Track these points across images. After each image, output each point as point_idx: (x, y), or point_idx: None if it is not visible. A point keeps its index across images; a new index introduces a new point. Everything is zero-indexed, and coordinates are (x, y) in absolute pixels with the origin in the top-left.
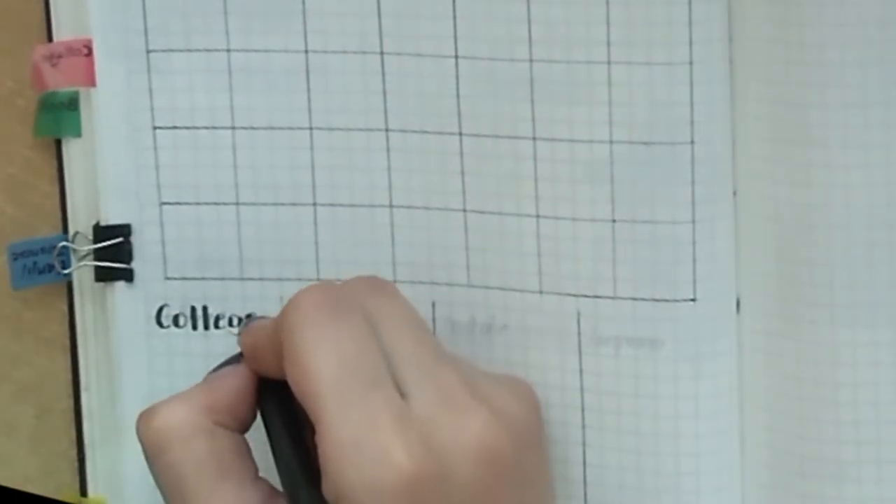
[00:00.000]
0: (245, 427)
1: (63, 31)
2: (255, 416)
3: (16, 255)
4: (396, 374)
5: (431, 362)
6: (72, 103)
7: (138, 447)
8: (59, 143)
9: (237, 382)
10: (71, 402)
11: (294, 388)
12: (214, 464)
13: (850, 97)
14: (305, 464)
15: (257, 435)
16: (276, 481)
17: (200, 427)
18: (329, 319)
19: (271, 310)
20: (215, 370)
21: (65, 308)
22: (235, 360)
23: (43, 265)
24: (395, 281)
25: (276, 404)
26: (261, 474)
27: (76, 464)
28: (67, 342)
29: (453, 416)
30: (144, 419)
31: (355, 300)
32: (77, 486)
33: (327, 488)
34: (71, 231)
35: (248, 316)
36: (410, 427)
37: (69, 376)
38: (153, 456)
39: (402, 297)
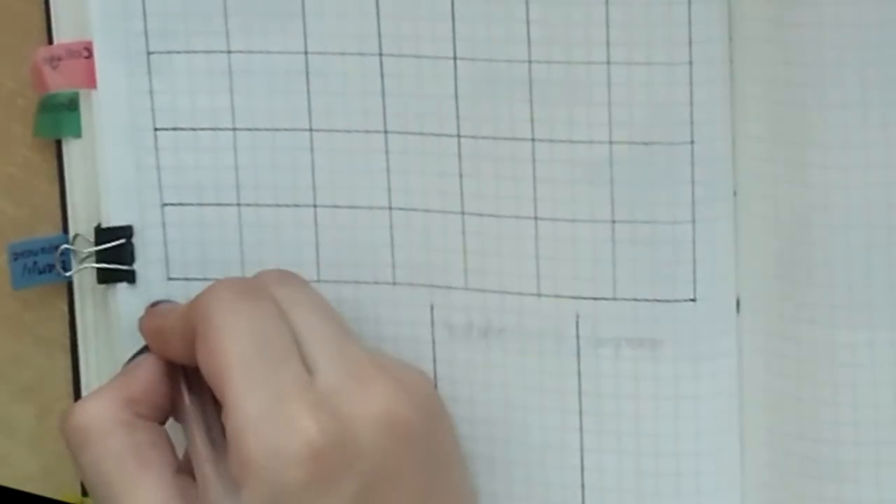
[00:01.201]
0: (164, 415)
1: (63, 33)
2: (171, 403)
3: (16, 255)
4: (305, 352)
5: (338, 340)
6: (72, 104)
7: None
8: (59, 144)
9: (151, 370)
10: (71, 402)
11: (203, 369)
12: (134, 457)
13: (849, 97)
14: (214, 446)
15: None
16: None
17: (118, 421)
18: (240, 302)
19: None
20: (130, 360)
21: (65, 308)
22: (147, 348)
23: (43, 265)
24: (394, 283)
25: (189, 392)
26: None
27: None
28: (68, 342)
29: (359, 387)
30: (65, 418)
31: (266, 288)
32: (77, 486)
33: (233, 462)
34: (71, 232)
35: (154, 304)
36: (317, 398)
37: (69, 376)
38: (75, 454)
39: (309, 286)
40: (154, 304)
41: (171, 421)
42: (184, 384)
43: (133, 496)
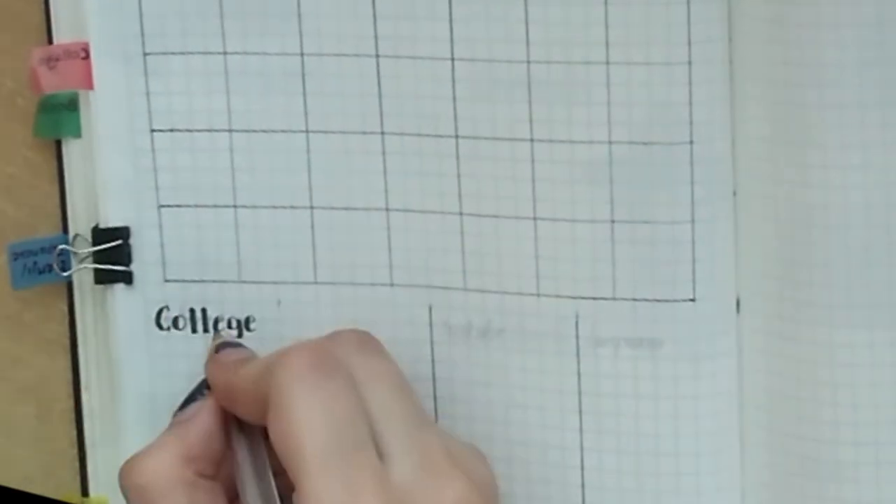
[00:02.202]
0: (218, 469)
1: (63, 33)
2: (225, 456)
3: (16, 255)
4: (379, 435)
5: (413, 425)
6: (71, 104)
7: (138, 447)
8: (59, 144)
9: (208, 424)
10: (71, 402)
11: (276, 442)
12: None
13: (848, 97)
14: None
15: None
16: None
17: (179, 480)
18: (318, 379)
19: (269, 313)
20: (182, 408)
21: (65, 308)
22: (200, 390)
23: (43, 265)
24: (391, 284)
25: (248, 447)
26: None
27: (76, 464)
28: (67, 342)
29: (433, 483)
30: (125, 474)
31: (343, 359)
32: (77, 485)
33: None
34: (71, 232)
35: (216, 326)
36: (391, 495)
37: (69, 376)
38: None
39: (387, 355)
40: (219, 345)
41: None
42: (239, 438)
43: None
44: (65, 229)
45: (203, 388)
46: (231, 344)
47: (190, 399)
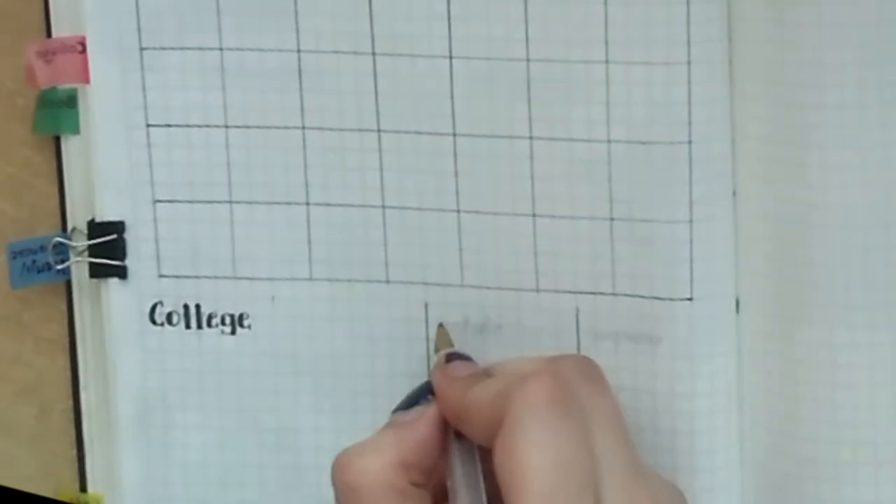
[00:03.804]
0: (431, 478)
1: (61, 30)
2: (438, 466)
3: (14, 254)
4: (599, 482)
5: (630, 477)
6: (70, 100)
7: (132, 445)
8: (58, 144)
9: (427, 433)
10: (70, 402)
11: (500, 472)
12: None
13: (847, 98)
14: None
15: None
16: None
17: (392, 486)
18: (554, 416)
19: (262, 309)
20: (403, 407)
21: (64, 308)
22: (423, 394)
23: (42, 264)
24: (387, 281)
25: (462, 460)
26: None
27: (76, 463)
28: (67, 342)
29: None
30: (339, 468)
31: (577, 397)
32: (77, 485)
33: None
34: (69, 227)
35: (449, 355)
36: None
37: (69, 376)
38: None
39: (609, 387)
40: (449, 356)
41: None
42: (456, 452)
43: None
44: (63, 227)
45: (427, 393)
46: (460, 356)
47: (412, 401)
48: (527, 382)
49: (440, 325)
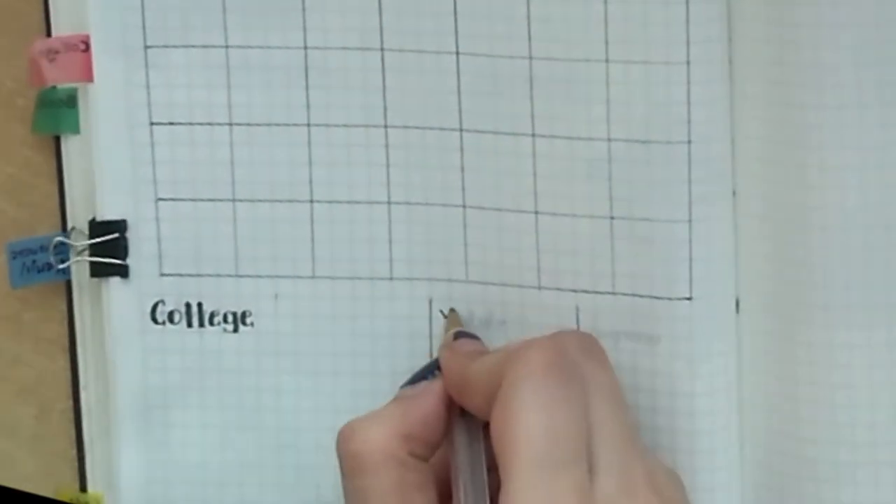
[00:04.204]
0: (433, 452)
1: (61, 29)
2: (442, 441)
3: (14, 254)
4: (593, 450)
5: (624, 445)
6: (70, 100)
7: (132, 445)
8: (58, 144)
9: (432, 406)
10: (70, 402)
11: (494, 438)
12: (399, 498)
13: (846, 98)
14: (482, 499)
15: None
16: None
17: (393, 456)
18: (550, 383)
19: (267, 307)
20: (410, 383)
21: (64, 308)
22: (430, 370)
23: (42, 264)
24: (391, 278)
25: (466, 438)
26: None
27: (76, 463)
28: (67, 342)
29: None
30: (343, 437)
31: (576, 366)
32: (77, 485)
33: None
34: (69, 227)
35: (457, 334)
36: None
37: (69, 376)
38: (346, 476)
39: (610, 364)
40: (456, 334)
41: None
42: (460, 428)
43: None
44: (63, 227)
45: (434, 369)
46: (468, 334)
47: (420, 376)
48: (525, 349)
49: (452, 310)
